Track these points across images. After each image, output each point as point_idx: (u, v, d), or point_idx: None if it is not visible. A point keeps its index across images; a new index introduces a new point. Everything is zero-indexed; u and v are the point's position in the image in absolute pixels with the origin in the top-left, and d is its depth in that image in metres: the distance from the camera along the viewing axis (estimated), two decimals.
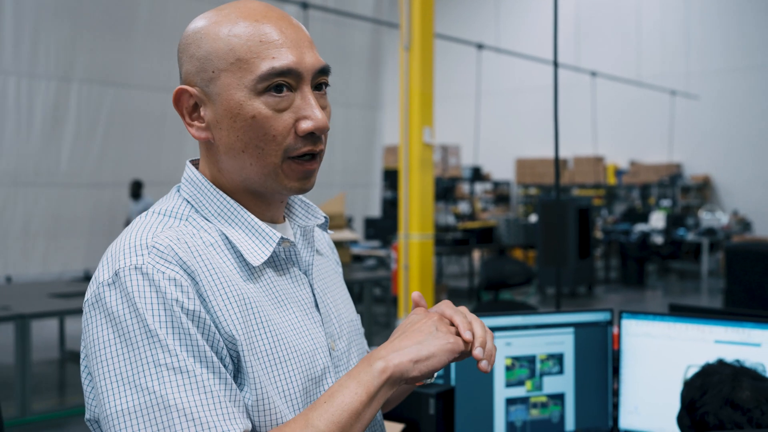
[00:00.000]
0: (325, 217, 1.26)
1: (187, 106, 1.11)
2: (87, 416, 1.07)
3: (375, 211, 11.12)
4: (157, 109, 8.63)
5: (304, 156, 1.09)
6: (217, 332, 1.01)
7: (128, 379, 0.95)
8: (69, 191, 8.26)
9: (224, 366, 1.00)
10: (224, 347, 1.01)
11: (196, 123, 1.11)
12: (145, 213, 1.12)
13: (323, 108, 1.12)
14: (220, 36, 1.08)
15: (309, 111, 1.08)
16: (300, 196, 1.26)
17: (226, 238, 1.10)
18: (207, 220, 1.11)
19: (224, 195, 1.12)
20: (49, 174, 8.04)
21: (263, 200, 1.15)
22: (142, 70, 8.47)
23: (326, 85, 1.14)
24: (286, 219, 1.23)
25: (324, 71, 1.12)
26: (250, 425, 0.99)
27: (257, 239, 1.12)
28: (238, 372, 1.03)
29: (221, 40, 1.07)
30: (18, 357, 5.28)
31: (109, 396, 0.96)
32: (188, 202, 1.13)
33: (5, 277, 8.06)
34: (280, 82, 1.06)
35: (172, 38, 8.49)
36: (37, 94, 7.78)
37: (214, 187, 1.13)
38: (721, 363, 1.69)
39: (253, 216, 1.12)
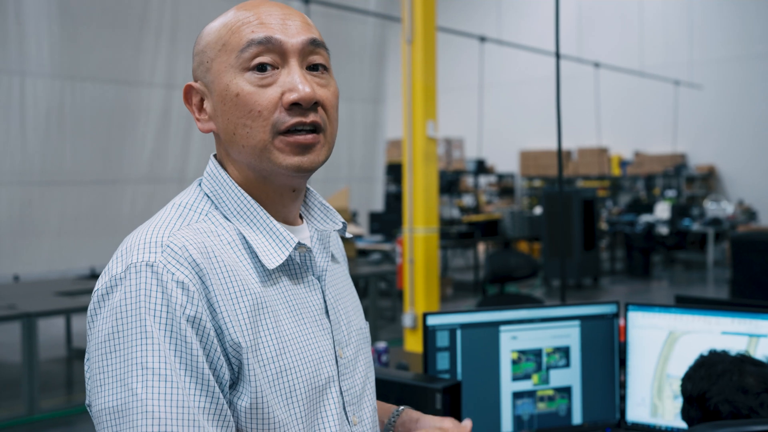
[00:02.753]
0: (343, 222, 1.24)
1: (196, 102, 1.14)
2: (87, 401, 1.07)
3: (378, 205, 11.11)
4: (161, 106, 8.62)
5: (297, 130, 1.08)
6: (216, 341, 1.00)
7: (119, 376, 0.96)
8: (73, 189, 8.26)
9: (218, 377, 1.00)
10: (221, 357, 1.00)
11: (202, 116, 1.13)
12: (165, 206, 1.12)
13: (322, 87, 1.11)
14: (213, 29, 1.12)
15: (293, 84, 1.07)
16: (321, 199, 1.25)
17: (244, 238, 1.10)
18: (226, 218, 1.11)
19: (244, 193, 1.11)
20: (52, 172, 8.04)
21: (276, 193, 1.14)
22: (144, 67, 8.46)
23: (324, 67, 1.13)
24: (304, 221, 1.22)
25: (315, 43, 1.11)
26: None
27: (274, 242, 1.11)
28: (239, 378, 1.02)
29: (214, 32, 1.11)
30: (25, 355, 5.29)
31: (102, 390, 0.97)
32: (208, 197, 1.13)
33: (13, 276, 8.08)
34: (263, 61, 1.07)
35: (175, 34, 8.49)
36: (40, 93, 7.78)
37: (235, 184, 1.12)
38: (716, 353, 1.70)
39: (271, 218, 1.12)
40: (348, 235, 1.28)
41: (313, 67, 1.11)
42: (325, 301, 1.18)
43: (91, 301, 1.03)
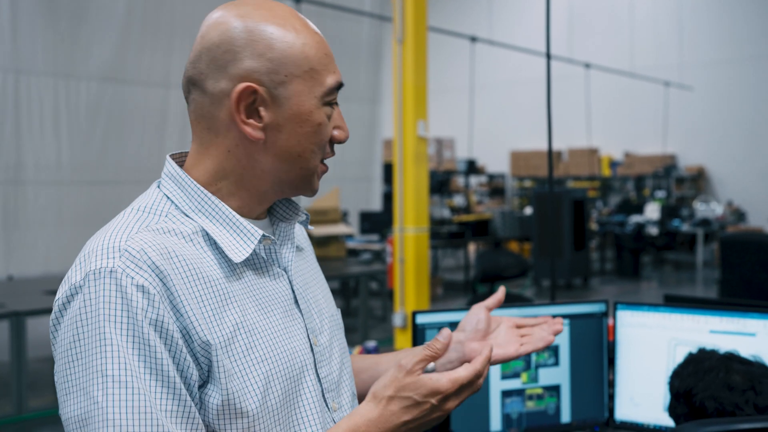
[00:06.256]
0: (305, 214, 1.26)
1: (246, 103, 1.09)
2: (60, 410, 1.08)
3: (376, 204, 11.13)
4: (157, 106, 8.58)
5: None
6: (182, 343, 1.00)
7: (83, 385, 0.96)
8: (70, 189, 8.20)
9: (185, 379, 1.00)
10: (188, 358, 1.00)
11: (251, 121, 1.09)
12: (124, 211, 1.11)
13: None
14: (290, 41, 1.10)
15: (342, 122, 1.16)
16: None
17: (206, 234, 1.10)
18: (187, 216, 1.11)
19: (205, 191, 1.11)
20: (48, 171, 8.00)
21: (261, 202, 1.16)
22: (140, 66, 8.43)
23: None
24: (267, 215, 1.23)
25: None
26: None
27: (238, 236, 1.11)
28: (209, 377, 1.02)
29: (294, 46, 1.10)
30: (14, 354, 5.27)
31: (67, 399, 0.98)
32: (168, 198, 1.12)
33: (8, 276, 8.01)
34: (335, 97, 1.15)
35: (172, 34, 8.46)
36: (34, 91, 7.74)
37: (193, 182, 1.12)
38: (704, 351, 1.72)
39: (234, 212, 1.12)
40: (310, 228, 1.30)
41: None
42: (293, 292, 1.19)
43: (53, 311, 1.02)
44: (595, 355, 2.13)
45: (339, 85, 1.15)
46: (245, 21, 1.09)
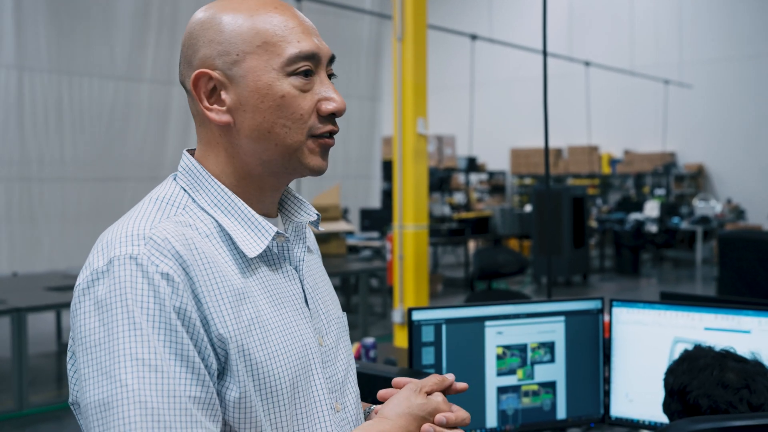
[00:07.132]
0: (317, 213, 1.26)
1: (206, 90, 1.11)
2: (70, 399, 1.08)
3: (375, 202, 11.13)
4: (160, 103, 8.59)
5: (324, 134, 1.14)
6: (203, 332, 1.01)
7: (107, 369, 0.95)
8: (74, 186, 8.20)
9: (207, 366, 1.01)
10: (208, 347, 1.01)
11: (215, 107, 1.11)
12: (142, 201, 1.12)
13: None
14: (241, 21, 1.11)
15: (330, 93, 1.13)
16: (293, 192, 1.27)
17: (222, 228, 1.11)
18: (203, 210, 1.12)
19: (221, 185, 1.13)
20: (51, 168, 8.00)
21: (263, 190, 1.16)
22: (143, 63, 8.43)
23: (333, 75, 1.18)
24: (279, 215, 1.24)
25: (332, 60, 1.17)
26: None
27: (253, 231, 1.12)
28: (224, 370, 1.03)
29: (244, 24, 1.10)
30: (15, 350, 5.29)
31: (88, 384, 0.96)
32: (185, 191, 1.13)
33: (12, 273, 8.02)
34: (307, 67, 1.11)
35: (174, 31, 8.46)
36: (38, 88, 7.74)
37: (211, 176, 1.13)
38: (700, 348, 1.73)
39: (249, 208, 1.13)
40: (320, 228, 1.31)
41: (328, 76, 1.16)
42: (303, 291, 1.20)
43: (74, 296, 1.02)
44: (591, 351, 2.14)
45: (308, 55, 1.11)
46: (204, 14, 1.13)
